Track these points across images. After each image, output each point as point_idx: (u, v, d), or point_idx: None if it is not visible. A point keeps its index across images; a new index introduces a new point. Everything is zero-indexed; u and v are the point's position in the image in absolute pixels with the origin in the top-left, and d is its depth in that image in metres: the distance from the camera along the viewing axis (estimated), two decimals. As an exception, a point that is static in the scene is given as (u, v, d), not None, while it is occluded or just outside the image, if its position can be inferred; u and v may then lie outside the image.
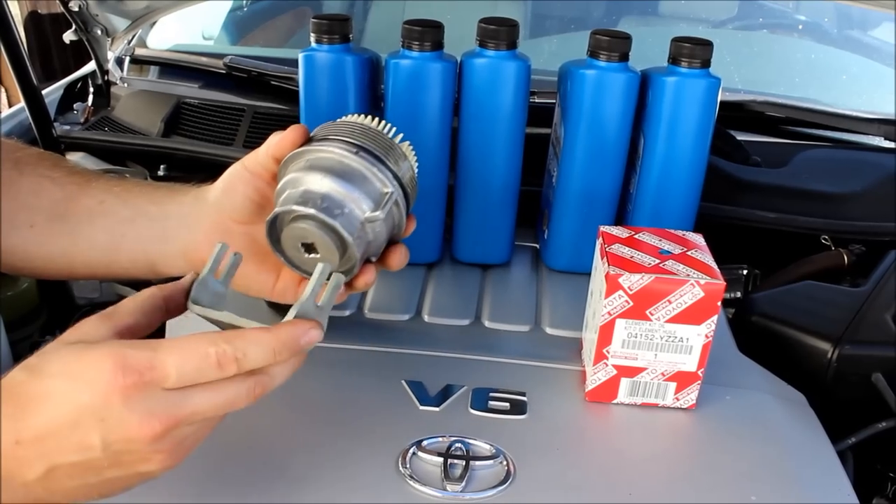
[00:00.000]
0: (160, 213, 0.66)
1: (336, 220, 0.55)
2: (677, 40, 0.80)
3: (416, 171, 0.62)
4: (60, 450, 0.45)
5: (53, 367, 0.45)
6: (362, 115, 0.61)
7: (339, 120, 0.61)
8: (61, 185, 0.67)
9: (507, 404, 0.66)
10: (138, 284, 0.98)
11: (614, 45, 0.78)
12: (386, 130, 0.60)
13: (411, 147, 0.62)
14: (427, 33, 0.78)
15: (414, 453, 0.60)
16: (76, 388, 0.44)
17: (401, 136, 0.61)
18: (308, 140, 0.60)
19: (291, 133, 0.59)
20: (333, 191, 0.56)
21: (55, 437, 0.44)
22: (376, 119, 0.61)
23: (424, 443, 0.61)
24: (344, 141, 0.58)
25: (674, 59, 0.80)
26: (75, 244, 0.67)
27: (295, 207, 0.56)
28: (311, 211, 0.55)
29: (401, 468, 0.59)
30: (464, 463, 0.59)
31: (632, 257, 0.65)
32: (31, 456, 0.45)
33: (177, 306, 0.53)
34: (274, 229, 0.58)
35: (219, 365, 0.46)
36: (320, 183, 0.56)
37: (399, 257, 0.63)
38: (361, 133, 0.59)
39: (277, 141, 0.60)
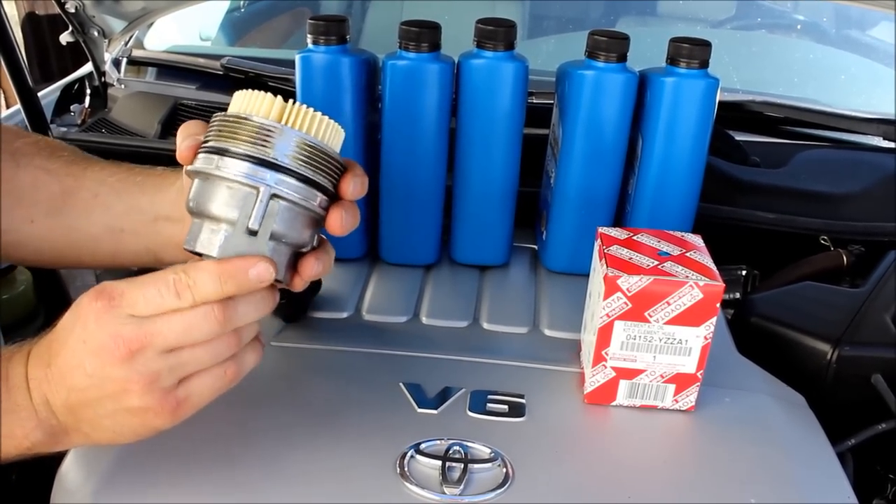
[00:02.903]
0: (150, 205, 0.66)
1: (217, 251, 0.52)
2: (675, 41, 0.79)
3: (335, 136, 0.54)
4: (70, 374, 0.51)
5: (71, 308, 0.52)
6: (258, 99, 0.53)
7: (215, 115, 0.54)
8: (58, 177, 0.67)
9: (506, 407, 0.66)
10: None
11: (612, 46, 0.78)
12: (295, 117, 0.52)
13: (321, 115, 0.53)
14: (424, 34, 0.78)
15: (412, 456, 0.60)
16: (72, 320, 0.51)
17: (310, 110, 0.53)
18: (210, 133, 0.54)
19: (183, 154, 0.55)
20: (207, 219, 0.53)
21: (65, 363, 0.51)
22: (274, 102, 0.53)
23: (423, 446, 0.61)
24: (206, 150, 0.52)
25: (672, 60, 0.80)
26: (77, 239, 0.68)
27: (186, 246, 0.54)
28: (198, 250, 0.53)
29: (399, 471, 0.59)
30: (462, 466, 0.59)
31: (630, 259, 0.65)
32: (55, 379, 0.51)
33: None
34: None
35: (176, 292, 0.49)
36: (195, 214, 0.54)
37: (309, 268, 0.56)
38: (218, 131, 0.52)
39: (184, 144, 0.56)
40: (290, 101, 0.53)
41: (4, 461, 0.53)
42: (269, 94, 0.53)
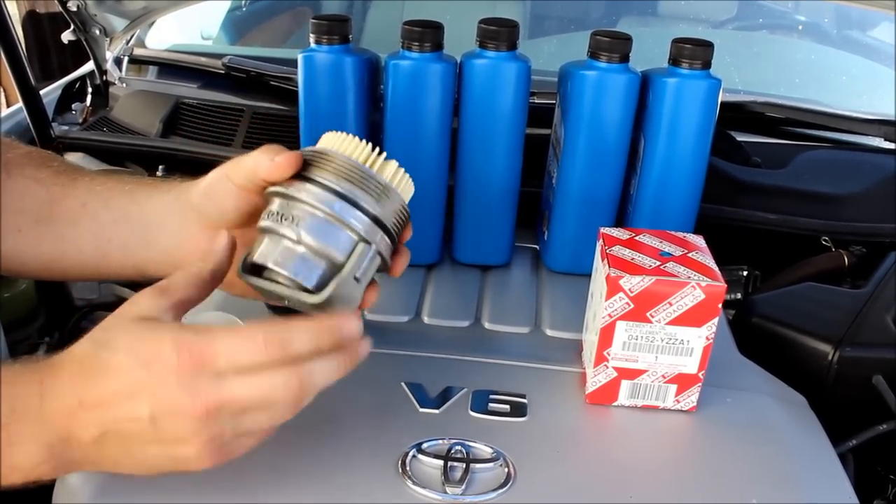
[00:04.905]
0: (141, 214, 0.65)
1: (311, 286, 0.54)
2: (678, 41, 0.79)
3: (408, 190, 0.58)
4: (114, 417, 0.49)
5: (121, 342, 0.50)
6: (352, 142, 0.56)
7: (329, 149, 0.56)
8: (46, 186, 0.66)
9: (508, 406, 0.66)
10: (136, 286, 0.99)
11: (615, 46, 0.78)
12: (378, 166, 0.56)
13: (402, 169, 0.57)
14: (427, 34, 0.78)
15: (414, 456, 0.60)
16: (138, 366, 0.48)
17: (392, 163, 0.57)
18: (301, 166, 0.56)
19: (287, 162, 0.55)
20: (309, 253, 0.54)
21: (112, 406, 0.49)
22: (367, 149, 0.56)
23: (424, 445, 0.61)
24: (330, 189, 0.54)
25: (674, 61, 0.80)
26: (63, 249, 0.66)
27: (272, 266, 0.54)
28: (285, 273, 0.54)
29: (400, 471, 0.59)
30: (464, 465, 0.59)
31: (632, 259, 0.65)
32: (89, 419, 0.49)
33: (221, 276, 0.56)
34: (249, 267, 0.56)
35: (265, 348, 0.49)
36: (296, 242, 0.54)
37: (374, 296, 0.60)
38: (348, 177, 0.54)
39: (271, 167, 0.55)
40: (376, 149, 0.56)
41: (8, 489, 0.51)
42: (357, 139, 0.56)
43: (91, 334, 0.51)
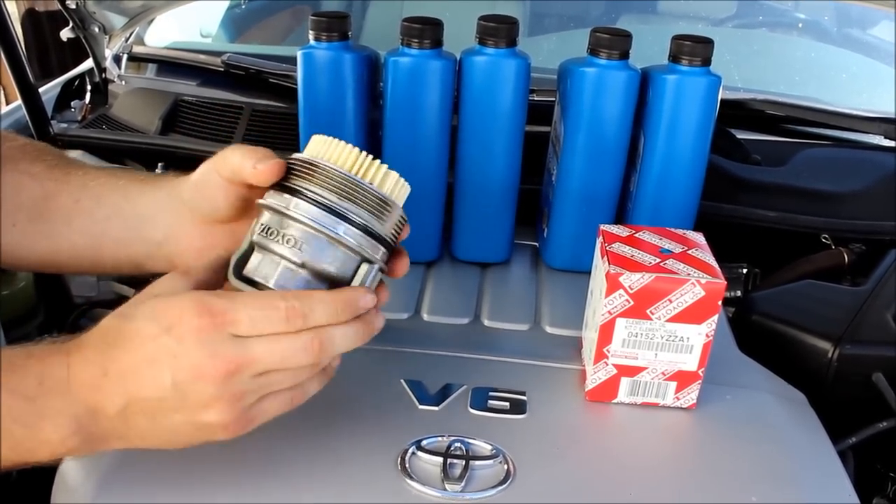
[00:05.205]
0: (133, 210, 0.64)
1: None
2: (678, 38, 0.79)
3: (404, 194, 0.57)
4: (137, 385, 0.49)
5: (144, 312, 0.50)
6: (344, 149, 0.54)
7: (324, 162, 0.54)
8: (40, 181, 0.66)
9: (507, 404, 0.66)
10: (136, 284, 0.98)
11: (615, 43, 0.78)
12: (375, 176, 0.55)
13: (397, 175, 0.56)
14: (426, 31, 0.78)
15: (413, 453, 0.60)
16: (160, 331, 0.49)
17: (387, 170, 0.55)
18: (287, 173, 0.54)
19: (269, 171, 0.54)
20: (312, 276, 0.54)
21: (135, 373, 0.49)
22: (360, 157, 0.54)
23: (424, 442, 0.61)
24: (330, 209, 0.53)
25: (674, 57, 0.79)
26: (58, 245, 0.66)
27: (273, 287, 0.54)
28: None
29: (400, 468, 0.59)
30: (463, 463, 0.59)
31: (632, 256, 0.64)
32: (113, 388, 0.50)
33: None
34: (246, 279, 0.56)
35: (287, 318, 0.50)
36: (299, 266, 0.53)
37: (385, 296, 0.59)
38: (349, 195, 0.53)
39: (253, 174, 0.55)
40: (365, 154, 0.55)
41: (37, 465, 0.51)
42: (349, 145, 0.55)
43: (116, 310, 0.52)
